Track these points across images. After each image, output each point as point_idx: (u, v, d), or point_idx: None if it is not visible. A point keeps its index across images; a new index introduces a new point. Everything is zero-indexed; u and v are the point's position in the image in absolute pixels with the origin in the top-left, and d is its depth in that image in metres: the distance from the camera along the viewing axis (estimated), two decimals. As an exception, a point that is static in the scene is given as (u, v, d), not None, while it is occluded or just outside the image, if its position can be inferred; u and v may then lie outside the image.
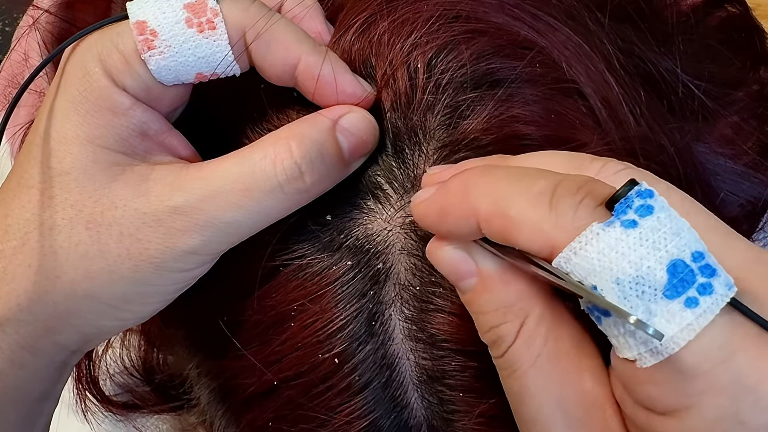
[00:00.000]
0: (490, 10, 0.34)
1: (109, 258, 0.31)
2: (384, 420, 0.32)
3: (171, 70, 0.31)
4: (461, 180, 0.27)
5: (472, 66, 0.32)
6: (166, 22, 0.31)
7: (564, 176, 0.26)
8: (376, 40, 0.33)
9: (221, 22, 0.31)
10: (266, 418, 0.34)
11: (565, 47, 0.33)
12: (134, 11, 0.31)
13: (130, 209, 0.31)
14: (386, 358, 0.32)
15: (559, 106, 0.32)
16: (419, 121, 0.32)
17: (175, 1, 0.31)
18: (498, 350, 0.27)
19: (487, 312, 0.27)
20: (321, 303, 0.32)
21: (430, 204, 0.28)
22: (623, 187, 0.24)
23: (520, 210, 0.25)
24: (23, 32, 0.49)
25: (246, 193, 0.30)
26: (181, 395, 0.43)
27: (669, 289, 0.23)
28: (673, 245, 0.23)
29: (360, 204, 0.33)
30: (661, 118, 0.36)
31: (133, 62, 0.31)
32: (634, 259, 0.23)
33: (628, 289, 0.23)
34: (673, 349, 0.23)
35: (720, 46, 0.41)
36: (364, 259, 0.32)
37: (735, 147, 0.39)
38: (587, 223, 0.24)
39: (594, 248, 0.23)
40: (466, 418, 0.32)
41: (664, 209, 0.24)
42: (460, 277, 0.28)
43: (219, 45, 0.31)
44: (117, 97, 0.31)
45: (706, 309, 0.23)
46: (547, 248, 0.24)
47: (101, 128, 0.31)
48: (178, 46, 0.31)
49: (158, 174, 0.31)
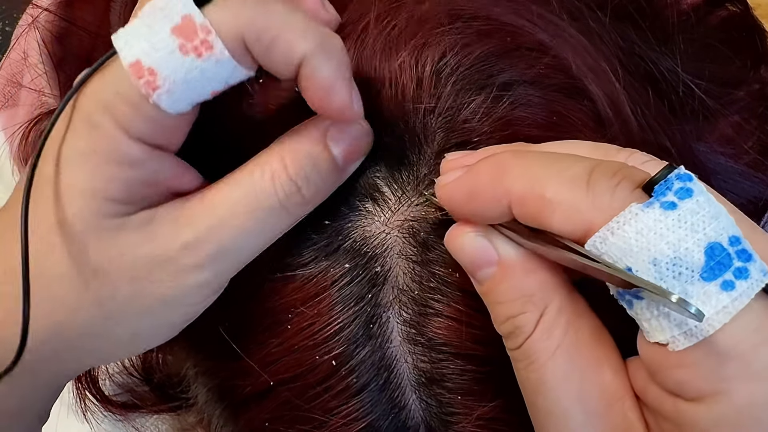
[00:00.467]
0: (495, 10, 0.33)
1: (120, 299, 0.31)
2: (382, 421, 0.32)
3: (183, 100, 0.29)
4: (493, 162, 0.27)
5: (475, 67, 0.32)
6: (159, 56, 0.28)
7: (599, 161, 0.26)
8: (379, 41, 0.33)
9: (216, 39, 0.28)
10: (263, 418, 0.34)
11: (571, 48, 0.33)
12: (123, 51, 0.28)
13: (139, 254, 0.30)
14: (384, 360, 0.32)
15: (562, 107, 0.32)
16: (420, 123, 0.32)
17: (159, 27, 0.28)
18: (515, 341, 0.27)
19: (505, 301, 0.27)
20: (319, 305, 0.32)
21: (457, 186, 0.28)
22: (662, 170, 0.24)
23: (556, 191, 0.25)
24: (22, 31, 0.49)
25: (251, 215, 0.30)
26: (179, 395, 0.43)
27: (706, 271, 0.23)
28: (712, 228, 0.23)
29: (358, 206, 0.33)
30: (662, 118, 0.36)
31: (143, 107, 0.29)
32: (673, 240, 0.23)
33: (665, 270, 0.23)
34: (708, 332, 0.23)
35: (721, 45, 0.41)
36: (361, 261, 0.32)
37: (735, 146, 0.39)
38: (625, 204, 0.24)
39: (632, 228, 0.23)
40: (465, 421, 0.32)
41: (703, 193, 0.24)
42: (479, 266, 0.28)
43: (222, 61, 0.29)
44: (129, 149, 0.29)
45: (742, 293, 0.23)
46: (582, 229, 0.24)
47: (110, 182, 0.29)
48: (182, 78, 0.28)
49: (162, 213, 0.31)
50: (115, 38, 0.29)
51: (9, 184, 0.49)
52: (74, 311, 0.31)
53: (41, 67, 0.46)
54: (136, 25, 0.29)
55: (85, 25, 0.45)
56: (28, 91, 0.48)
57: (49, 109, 0.45)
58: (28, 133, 0.45)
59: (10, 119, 0.49)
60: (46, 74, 0.46)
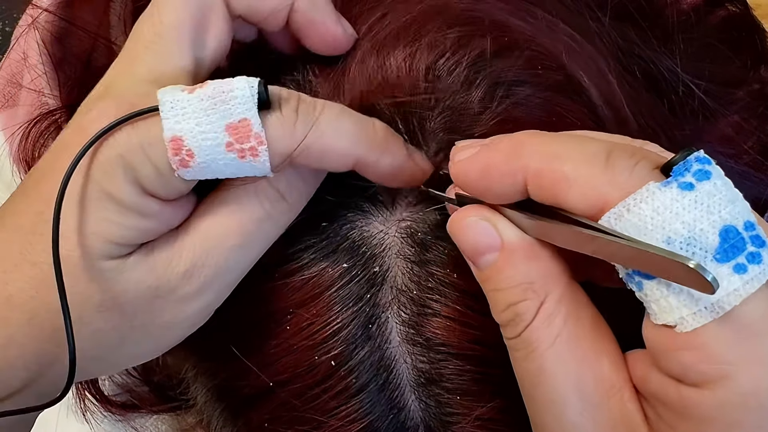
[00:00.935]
0: (492, 10, 0.33)
1: (123, 330, 0.31)
2: (381, 422, 0.32)
3: (204, 176, 0.30)
4: (511, 139, 0.27)
5: (473, 67, 0.32)
6: (205, 145, 0.28)
7: (617, 142, 0.26)
8: (377, 40, 0.33)
9: (265, 151, 0.28)
10: (262, 419, 0.34)
11: (568, 48, 0.33)
12: (169, 121, 0.28)
13: (142, 289, 0.30)
14: (383, 360, 0.32)
15: (561, 107, 0.32)
16: (419, 123, 0.32)
17: (216, 117, 0.28)
18: (514, 330, 0.27)
19: (506, 288, 0.27)
20: (318, 305, 0.32)
21: (473, 161, 0.28)
22: (682, 152, 0.24)
23: (574, 167, 0.25)
24: (22, 31, 0.49)
25: (241, 229, 0.31)
26: (179, 395, 0.43)
27: (720, 252, 0.23)
28: (727, 212, 0.23)
29: (356, 207, 0.33)
30: (662, 118, 0.36)
31: (167, 175, 0.29)
32: (688, 220, 0.23)
33: (679, 249, 0.23)
34: (718, 313, 0.23)
35: (720, 45, 0.41)
36: (360, 262, 0.32)
37: (735, 146, 0.39)
38: (643, 182, 0.24)
39: (649, 206, 0.23)
40: (464, 421, 0.32)
41: (721, 177, 0.24)
42: (482, 252, 0.28)
43: (260, 168, 0.29)
44: (145, 203, 0.29)
45: (754, 277, 0.23)
46: (598, 206, 0.24)
47: (121, 229, 0.30)
48: (215, 167, 0.29)
49: (159, 245, 0.31)
50: (162, 99, 0.28)
51: (9, 183, 0.49)
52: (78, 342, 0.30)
53: (41, 67, 0.46)
54: (192, 101, 0.28)
55: (85, 25, 0.45)
56: (28, 92, 0.48)
57: (49, 109, 0.45)
58: (28, 133, 0.45)
59: (10, 119, 0.49)
60: (46, 74, 0.46)
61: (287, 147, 0.29)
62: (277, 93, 0.29)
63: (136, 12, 0.39)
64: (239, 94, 0.28)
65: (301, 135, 0.29)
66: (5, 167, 0.49)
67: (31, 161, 0.44)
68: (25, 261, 0.30)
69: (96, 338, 0.31)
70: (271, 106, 0.29)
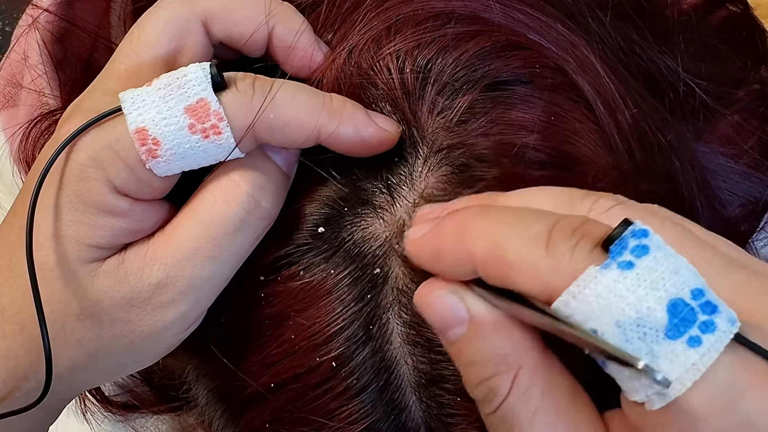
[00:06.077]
0: (490, 10, 0.33)
1: (105, 339, 0.32)
2: (382, 423, 0.32)
3: (176, 169, 0.31)
4: (456, 221, 0.27)
5: (472, 68, 0.32)
6: (168, 130, 0.29)
7: (560, 217, 0.25)
8: (371, 42, 0.33)
9: (226, 127, 0.30)
10: (263, 420, 0.34)
11: (566, 48, 0.33)
12: (131, 115, 0.29)
13: (116, 298, 0.31)
14: (384, 361, 0.32)
15: (559, 108, 0.32)
16: (416, 125, 0.32)
17: (174, 102, 0.29)
18: (490, 405, 0.26)
19: (477, 362, 0.26)
20: (318, 306, 0.32)
21: (424, 243, 0.28)
22: (618, 227, 0.24)
23: (517, 253, 0.25)
24: (22, 31, 0.48)
25: (214, 242, 0.31)
26: (180, 396, 0.43)
27: (671, 329, 0.22)
28: (672, 284, 0.23)
29: (357, 209, 0.33)
30: (662, 118, 0.36)
31: (138, 170, 0.30)
32: (633, 300, 0.23)
33: (630, 331, 0.23)
34: (680, 391, 0.22)
35: (721, 45, 0.41)
36: (361, 263, 0.32)
37: (736, 146, 0.39)
38: (584, 266, 0.23)
39: (592, 291, 0.23)
40: (465, 422, 0.32)
41: (660, 248, 0.23)
42: (449, 325, 0.27)
43: (225, 145, 0.30)
44: (117, 202, 0.30)
45: (710, 347, 0.22)
46: (547, 292, 0.24)
47: (94, 229, 0.31)
48: (183, 152, 0.30)
49: (131, 255, 0.31)
50: (123, 98, 0.30)
51: (10, 185, 0.49)
52: (60, 352, 0.32)
53: (41, 67, 0.46)
54: (150, 93, 0.30)
55: (85, 25, 0.45)
56: (28, 92, 0.48)
57: (50, 109, 0.45)
58: (28, 133, 0.45)
59: (10, 119, 0.49)
60: (46, 75, 0.46)
61: (246, 118, 0.30)
62: (233, 75, 0.31)
63: (136, 12, 0.40)
64: (193, 77, 0.30)
65: (258, 105, 0.30)
66: (6, 168, 0.49)
67: (31, 162, 0.44)
68: (12, 273, 0.32)
69: (82, 347, 0.32)
70: (227, 86, 0.30)
